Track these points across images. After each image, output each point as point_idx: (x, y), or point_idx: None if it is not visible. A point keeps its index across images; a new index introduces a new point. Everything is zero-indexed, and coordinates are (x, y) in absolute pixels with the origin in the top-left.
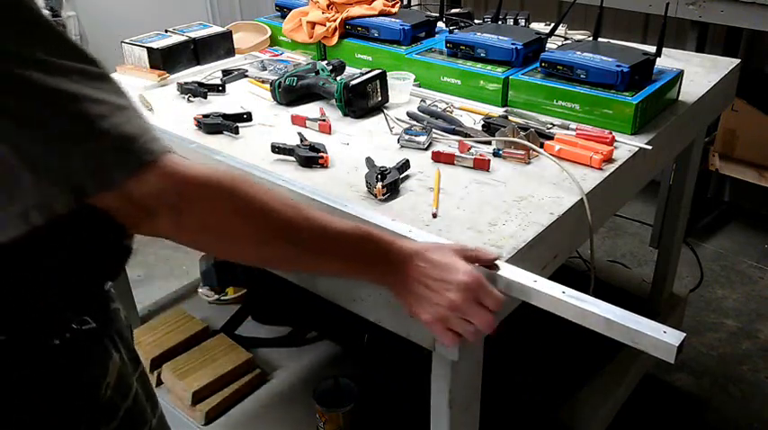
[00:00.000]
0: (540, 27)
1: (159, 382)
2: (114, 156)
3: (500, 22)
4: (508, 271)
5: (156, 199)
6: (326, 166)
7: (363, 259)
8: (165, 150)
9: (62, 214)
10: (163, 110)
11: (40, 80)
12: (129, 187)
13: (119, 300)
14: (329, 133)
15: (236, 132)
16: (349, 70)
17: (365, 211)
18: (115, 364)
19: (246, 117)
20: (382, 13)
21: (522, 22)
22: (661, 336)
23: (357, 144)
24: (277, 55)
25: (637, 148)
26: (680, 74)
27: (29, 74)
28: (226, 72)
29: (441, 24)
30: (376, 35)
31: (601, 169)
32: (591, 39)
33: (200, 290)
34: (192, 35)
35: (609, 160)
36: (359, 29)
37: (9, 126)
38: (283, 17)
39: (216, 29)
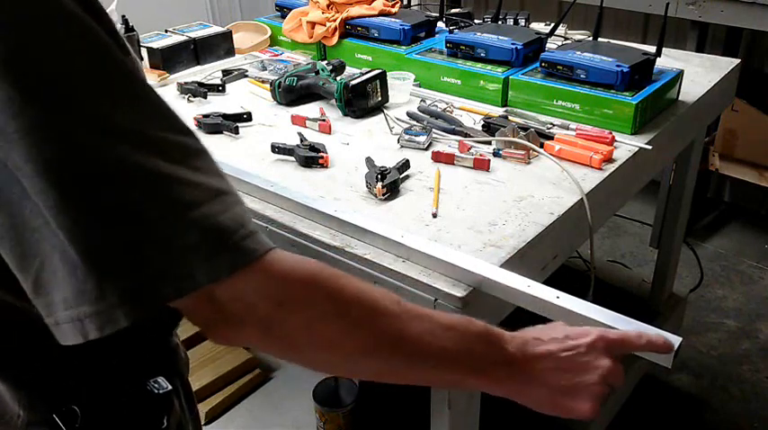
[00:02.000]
0: (540, 27)
1: None
2: (203, 255)
3: (500, 22)
4: (502, 275)
5: (246, 308)
6: (326, 166)
7: (480, 363)
8: (265, 249)
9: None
10: None
11: (133, 158)
12: (214, 291)
13: None
14: (329, 133)
15: (236, 132)
16: (349, 70)
17: (358, 215)
18: (175, 416)
19: (246, 117)
20: (382, 13)
21: (522, 22)
22: None
23: (357, 144)
24: (277, 55)
25: (637, 148)
26: (680, 74)
27: (122, 149)
28: (226, 72)
29: (441, 24)
30: (376, 35)
31: (601, 169)
32: (591, 39)
33: None
34: (192, 35)
35: (609, 160)
36: (359, 29)
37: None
38: (283, 17)
39: (216, 29)
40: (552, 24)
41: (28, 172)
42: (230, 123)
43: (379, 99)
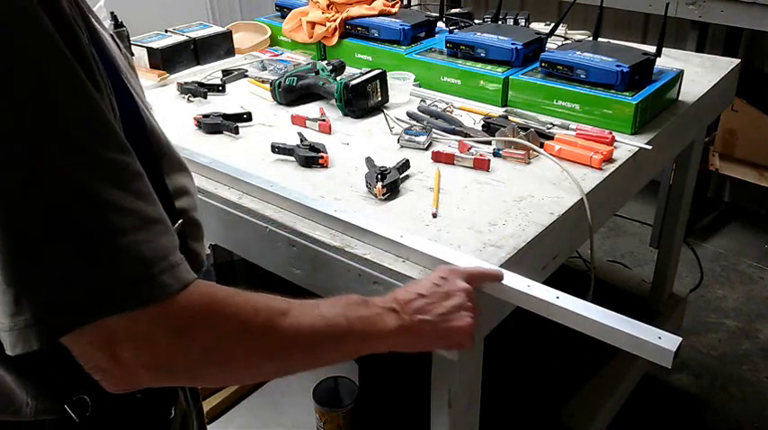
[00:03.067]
0: (540, 27)
1: None
2: (117, 284)
3: (500, 22)
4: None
5: (144, 348)
6: (326, 166)
7: (370, 324)
8: (181, 285)
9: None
10: (163, 110)
11: (74, 176)
12: (110, 327)
13: None
14: (329, 133)
15: (236, 132)
16: (349, 70)
17: (358, 215)
18: (180, 408)
19: (246, 117)
20: (382, 13)
21: (522, 22)
22: (657, 342)
23: (357, 144)
24: (277, 55)
25: (637, 148)
26: (680, 74)
27: (63, 165)
28: (226, 72)
29: (441, 24)
30: (376, 35)
31: (601, 169)
32: (591, 39)
33: None
34: (192, 35)
35: (609, 160)
36: (359, 29)
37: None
38: (283, 17)
39: (216, 29)
40: (552, 24)
41: None
42: (230, 123)
43: (379, 99)
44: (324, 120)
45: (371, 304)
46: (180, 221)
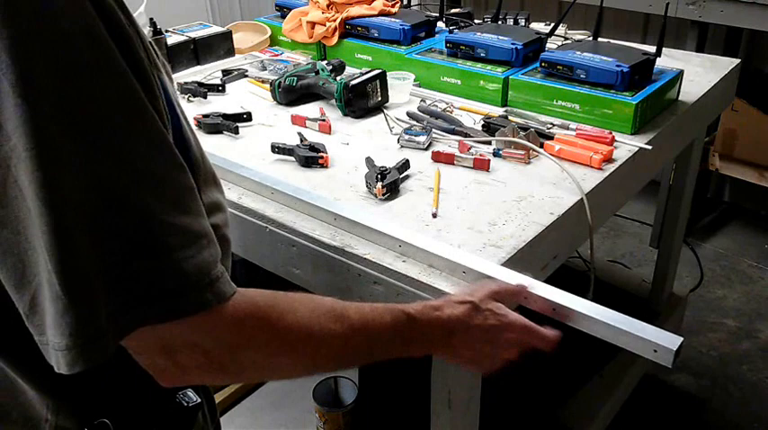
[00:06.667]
0: (540, 27)
1: None
2: (162, 297)
3: (500, 22)
4: (503, 275)
5: (198, 353)
6: (326, 166)
7: (404, 344)
8: (224, 297)
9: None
10: None
11: (133, 193)
12: (165, 334)
13: None
14: (329, 133)
15: (236, 132)
16: (349, 70)
17: (360, 212)
18: (198, 427)
19: (246, 117)
20: (382, 13)
21: (522, 22)
22: (658, 341)
23: (357, 144)
24: (277, 55)
25: (637, 148)
26: (680, 74)
27: (125, 182)
28: (226, 72)
29: (441, 24)
30: (376, 35)
31: (601, 169)
32: (591, 39)
33: None
34: (192, 35)
35: (609, 160)
36: (359, 29)
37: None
38: (283, 17)
39: (216, 29)
40: (552, 24)
41: (31, 192)
42: (230, 123)
43: (379, 99)
44: (324, 120)
45: (424, 320)
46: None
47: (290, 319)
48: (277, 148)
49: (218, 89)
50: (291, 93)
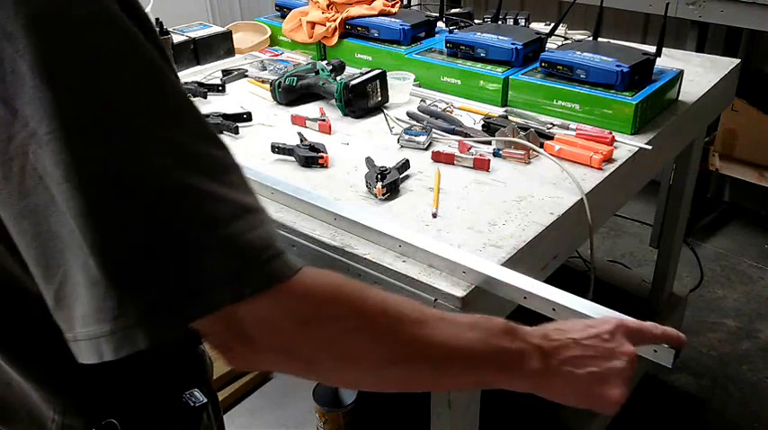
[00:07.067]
0: (540, 27)
1: None
2: (228, 274)
3: (500, 22)
4: (504, 274)
5: (270, 331)
6: (326, 166)
7: (507, 358)
8: (291, 270)
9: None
10: None
11: (168, 169)
12: (236, 313)
13: None
14: (329, 133)
15: (236, 132)
16: (349, 70)
17: (360, 212)
18: (203, 426)
19: (246, 117)
20: (382, 13)
21: (522, 22)
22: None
23: (357, 144)
24: (277, 55)
25: (637, 148)
26: (680, 74)
27: (158, 159)
28: (226, 72)
29: (441, 24)
30: (376, 35)
31: (601, 169)
32: (591, 39)
33: None
34: (192, 35)
35: (609, 160)
36: (359, 29)
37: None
38: (283, 17)
39: (216, 29)
40: (552, 24)
41: (57, 177)
42: (230, 123)
43: (379, 99)
44: (324, 120)
45: (517, 336)
46: None
47: (367, 293)
48: (277, 148)
49: (218, 89)
50: (291, 93)
